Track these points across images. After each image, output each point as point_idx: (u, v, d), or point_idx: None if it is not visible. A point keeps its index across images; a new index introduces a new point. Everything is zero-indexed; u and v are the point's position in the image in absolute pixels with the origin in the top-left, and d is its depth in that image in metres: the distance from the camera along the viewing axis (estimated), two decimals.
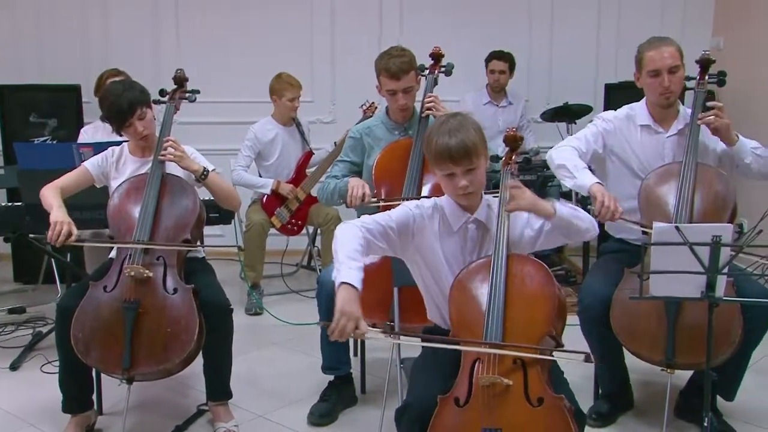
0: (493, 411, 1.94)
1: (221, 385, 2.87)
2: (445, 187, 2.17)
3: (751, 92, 4.97)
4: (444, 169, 2.11)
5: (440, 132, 2.09)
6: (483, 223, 2.19)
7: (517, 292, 2.07)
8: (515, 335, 2.01)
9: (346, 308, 1.92)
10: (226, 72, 5.22)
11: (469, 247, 2.19)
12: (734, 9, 5.25)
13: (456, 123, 2.10)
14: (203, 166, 2.88)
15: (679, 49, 2.83)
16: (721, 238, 2.14)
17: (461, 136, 2.07)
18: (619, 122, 2.96)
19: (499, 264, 2.08)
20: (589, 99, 5.22)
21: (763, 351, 3.02)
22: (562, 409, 1.93)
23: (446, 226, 2.20)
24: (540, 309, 2.06)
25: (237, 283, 4.62)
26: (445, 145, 2.06)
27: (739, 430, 2.79)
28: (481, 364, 1.99)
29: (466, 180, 2.10)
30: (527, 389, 1.96)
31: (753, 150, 2.81)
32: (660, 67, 2.79)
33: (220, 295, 2.80)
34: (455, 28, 5.30)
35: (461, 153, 2.06)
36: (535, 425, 1.94)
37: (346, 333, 1.92)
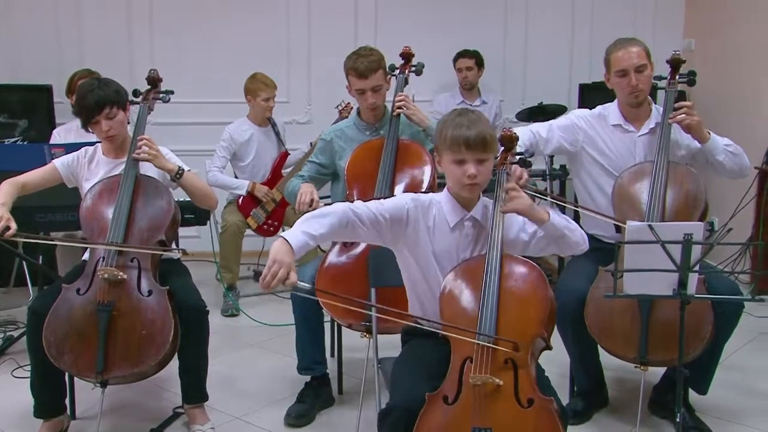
0: (483, 410, 1.95)
1: (197, 387, 2.84)
2: (452, 176, 2.16)
3: (721, 92, 5.06)
4: (457, 154, 2.10)
5: (459, 122, 2.11)
6: (479, 222, 2.19)
7: (510, 292, 2.07)
8: (507, 335, 2.01)
9: (278, 256, 1.93)
10: (202, 72, 5.18)
11: (463, 244, 2.19)
12: (704, 11, 5.33)
13: (475, 116, 2.14)
14: (178, 165, 2.85)
15: (646, 49, 2.87)
16: (692, 237, 2.17)
17: (480, 128, 2.10)
18: (592, 120, 2.99)
19: (494, 264, 2.08)
20: (564, 99, 5.28)
21: (734, 347, 3.07)
22: (552, 412, 1.95)
23: (442, 222, 2.19)
24: (532, 310, 2.06)
25: (213, 285, 4.59)
26: (464, 132, 2.09)
27: (711, 424, 2.82)
28: (472, 364, 1.99)
29: (476, 169, 2.10)
30: (517, 390, 1.97)
31: (725, 147, 2.85)
32: (627, 66, 2.83)
33: (195, 297, 2.78)
34: (431, 29, 5.32)
35: (479, 141, 2.09)
36: (525, 426, 1.95)
37: (277, 279, 1.91)
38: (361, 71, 2.99)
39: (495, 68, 5.41)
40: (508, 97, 5.52)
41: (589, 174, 2.99)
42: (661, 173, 2.76)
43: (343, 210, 2.09)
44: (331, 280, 2.84)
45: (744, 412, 3.00)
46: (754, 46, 4.72)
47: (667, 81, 2.95)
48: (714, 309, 2.59)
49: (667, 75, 2.96)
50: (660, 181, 2.74)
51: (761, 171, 4.40)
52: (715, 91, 5.11)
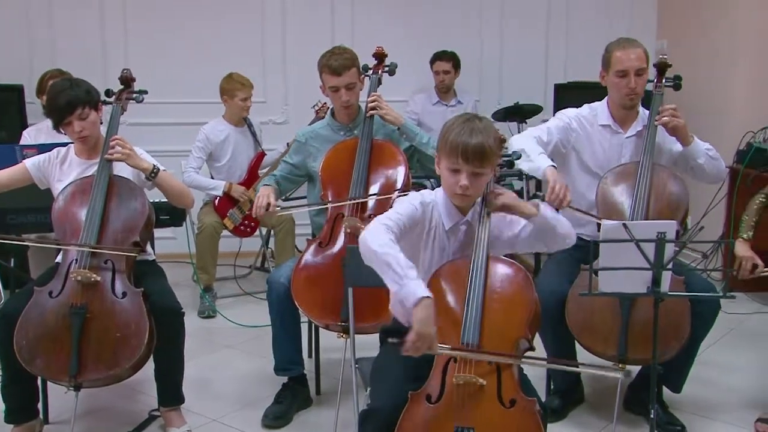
0: (465, 410, 1.96)
1: (173, 389, 2.82)
2: (445, 181, 2.15)
3: (693, 93, 5.09)
4: (452, 162, 2.08)
5: (463, 129, 2.07)
6: (472, 225, 2.18)
7: (495, 294, 2.07)
8: (492, 337, 2.01)
9: (424, 330, 1.87)
10: (177, 72, 5.14)
11: (455, 247, 2.18)
12: (676, 12, 5.40)
13: (481, 126, 2.08)
14: (153, 164, 2.83)
15: (646, 52, 2.90)
16: (665, 235, 2.19)
17: (482, 139, 2.05)
18: (583, 121, 3.00)
19: (479, 265, 2.07)
20: (540, 99, 5.31)
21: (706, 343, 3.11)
22: (534, 413, 1.96)
23: (438, 225, 2.17)
24: (517, 312, 2.06)
25: (189, 286, 4.56)
26: (464, 141, 2.04)
27: (684, 420, 2.86)
28: (456, 363, 2.00)
29: (468, 181, 2.07)
30: (500, 390, 1.98)
31: (706, 151, 2.89)
32: (628, 68, 2.85)
33: (170, 299, 2.76)
34: (407, 29, 5.33)
35: (476, 154, 2.04)
36: (507, 426, 1.96)
37: (420, 352, 1.90)
38: (334, 68, 2.99)
39: (471, 68, 5.43)
40: (484, 97, 5.54)
41: (575, 174, 3.01)
42: (646, 175, 2.78)
43: (384, 231, 1.99)
44: (307, 280, 2.84)
45: (716, 407, 3.04)
46: (725, 47, 4.79)
47: (653, 84, 2.98)
48: (691, 309, 2.62)
49: (653, 78, 2.99)
50: (644, 183, 2.77)
51: (732, 170, 4.46)
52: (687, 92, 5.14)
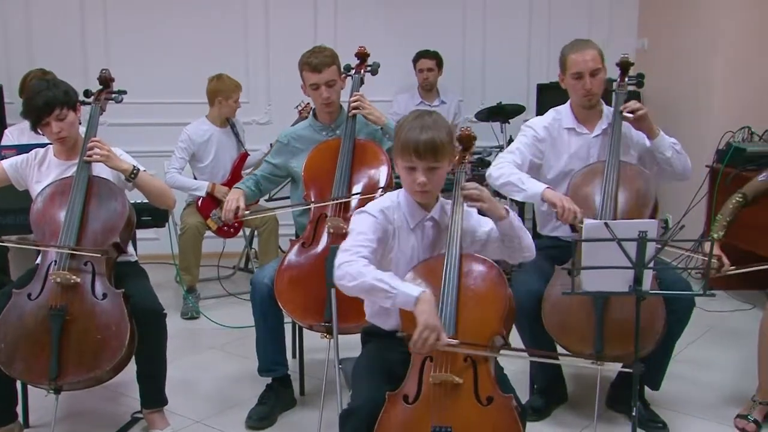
0: (442, 409, 1.96)
1: (156, 391, 2.80)
2: (404, 180, 2.17)
3: (673, 92, 5.17)
4: (407, 161, 2.10)
5: (413, 125, 2.09)
6: (438, 223, 2.19)
7: (469, 291, 2.08)
8: (467, 334, 2.02)
9: (430, 321, 1.92)
10: (159, 72, 5.11)
11: (424, 245, 2.19)
12: (657, 12, 5.45)
13: (431, 120, 2.11)
14: (133, 165, 2.81)
15: (600, 52, 2.92)
16: (647, 234, 2.21)
17: (432, 134, 2.07)
18: (547, 127, 3.03)
19: (452, 262, 2.08)
20: (522, 99, 5.34)
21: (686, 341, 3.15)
22: (511, 409, 1.97)
23: (403, 224, 2.18)
24: (491, 308, 2.07)
25: (172, 287, 4.53)
26: (414, 138, 2.06)
27: (666, 417, 2.89)
28: (432, 362, 2.00)
29: (425, 177, 2.09)
30: (477, 388, 1.98)
31: (673, 145, 2.92)
32: (582, 69, 2.88)
33: (152, 300, 2.74)
34: (390, 30, 5.33)
35: (428, 149, 2.06)
36: (484, 424, 1.96)
37: (428, 346, 1.92)
38: (314, 65, 3.00)
39: (454, 68, 5.44)
40: (467, 97, 5.56)
41: (546, 178, 3.03)
42: (613, 172, 2.81)
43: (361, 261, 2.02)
44: (290, 280, 2.83)
45: (697, 404, 3.07)
46: (705, 46, 4.83)
47: (616, 83, 3.01)
48: (666, 307, 2.65)
49: (616, 77, 3.01)
50: (611, 181, 2.80)
51: (712, 169, 4.50)
52: (668, 91, 5.22)
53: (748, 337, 3.06)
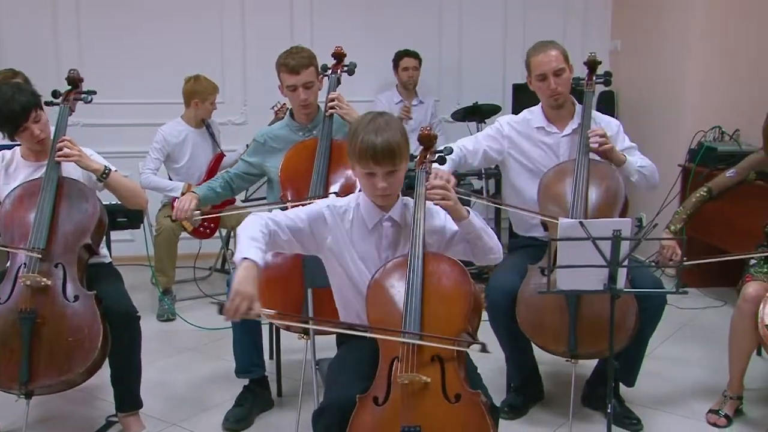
0: (411, 408, 1.96)
1: (130, 394, 2.78)
2: (364, 186, 2.17)
3: (646, 92, 5.24)
4: (365, 167, 2.09)
5: (367, 130, 2.07)
6: (398, 222, 2.19)
7: (433, 290, 2.08)
8: (433, 332, 2.02)
9: (241, 288, 1.92)
10: (133, 72, 5.06)
11: (384, 245, 2.19)
12: (630, 14, 5.51)
13: (383, 122, 2.09)
14: (104, 165, 2.78)
15: (564, 52, 2.94)
16: (621, 233, 2.23)
17: (387, 137, 2.05)
18: (516, 126, 3.06)
19: (416, 263, 2.09)
20: (498, 99, 5.38)
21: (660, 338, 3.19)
22: (479, 405, 1.97)
23: (360, 224, 2.19)
24: (456, 306, 2.08)
25: (148, 289, 4.49)
26: (371, 143, 2.05)
27: (640, 413, 2.92)
28: (400, 363, 2.00)
29: (386, 182, 2.09)
30: (445, 386, 1.99)
31: (639, 169, 2.94)
32: (546, 70, 2.90)
33: (125, 302, 2.72)
34: (367, 29, 5.34)
35: (385, 154, 2.05)
36: (453, 421, 1.97)
37: (240, 313, 1.91)
38: (291, 66, 2.99)
39: (431, 68, 5.46)
40: (443, 97, 5.58)
41: (517, 178, 3.06)
42: (583, 171, 2.84)
43: (263, 219, 2.08)
44: (267, 281, 2.80)
45: (670, 400, 3.11)
46: (678, 46, 4.90)
47: (585, 82, 3.05)
48: (639, 304, 2.68)
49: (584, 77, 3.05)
50: (582, 179, 2.82)
51: (684, 168, 4.57)
52: (641, 91, 5.29)
53: (719, 333, 3.10)
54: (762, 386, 3.23)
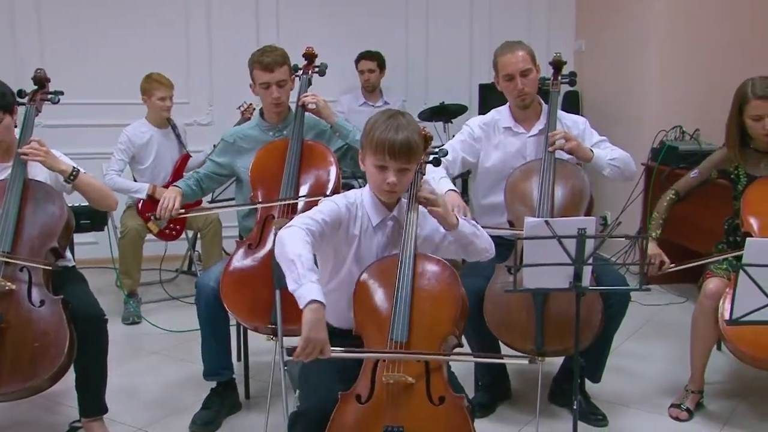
0: (395, 409, 1.97)
1: (95, 399, 2.73)
2: (372, 178, 2.15)
3: (610, 92, 5.32)
4: (380, 160, 2.07)
5: (388, 125, 2.06)
6: (399, 222, 2.19)
7: (423, 291, 2.08)
8: (420, 335, 2.03)
9: (313, 335, 1.87)
10: (97, 72, 4.98)
11: (383, 243, 2.19)
12: (593, 14, 5.59)
13: (405, 121, 2.09)
14: (72, 165, 2.74)
15: (530, 52, 2.98)
16: (586, 231, 2.26)
17: (408, 134, 2.05)
18: (485, 128, 3.09)
19: (407, 263, 2.09)
20: (465, 99, 5.42)
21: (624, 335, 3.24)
22: (462, 409, 1.99)
23: (366, 222, 2.17)
24: (445, 309, 2.08)
25: (113, 292, 4.43)
26: (391, 138, 2.04)
27: (605, 409, 2.97)
28: (385, 362, 2.00)
29: (396, 178, 2.08)
30: (429, 388, 2.00)
31: (610, 162, 2.97)
32: (513, 71, 2.93)
33: (92, 305, 2.68)
34: (333, 30, 5.33)
35: (404, 150, 2.05)
36: (436, 424, 1.98)
37: (311, 357, 1.90)
38: (266, 64, 2.98)
39: (397, 69, 5.48)
40: (410, 97, 5.59)
41: (485, 177, 3.09)
42: (549, 170, 2.87)
43: (303, 234, 1.99)
44: (236, 282, 2.80)
45: (634, 396, 3.16)
46: (640, 47, 4.98)
47: (550, 82, 3.09)
48: (603, 302, 2.73)
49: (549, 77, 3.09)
50: (548, 178, 2.86)
51: (647, 167, 4.65)
52: (605, 91, 5.37)
53: (681, 329, 3.17)
54: (721, 380, 3.31)
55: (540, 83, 3.04)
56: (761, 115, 2.85)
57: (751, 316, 2.20)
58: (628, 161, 3.02)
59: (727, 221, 3.13)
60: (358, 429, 1.98)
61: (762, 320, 2.20)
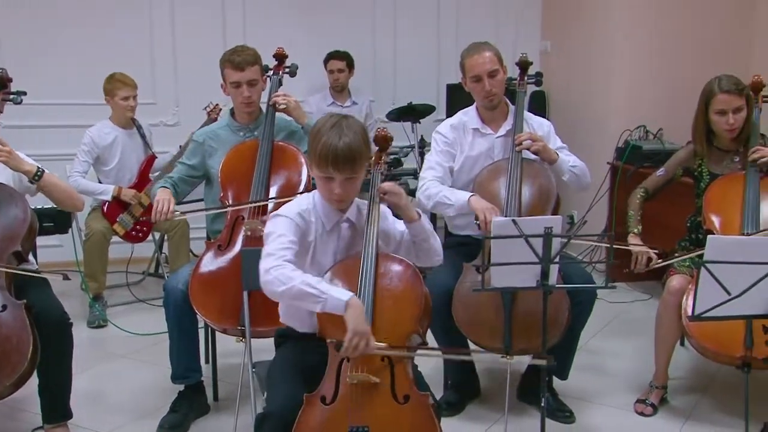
0: (360, 409, 1.97)
1: (59, 404, 2.69)
2: (320, 188, 2.15)
3: (575, 92, 5.39)
4: (324, 171, 2.07)
5: (330, 135, 2.04)
6: (354, 224, 2.19)
7: (385, 290, 2.09)
8: (383, 334, 2.03)
9: (359, 328, 1.93)
10: (59, 72, 4.89)
11: (341, 246, 2.19)
12: (559, 15, 5.66)
13: (347, 128, 2.06)
14: (37, 166, 2.69)
15: (498, 53, 3.00)
16: (552, 230, 2.29)
17: (350, 144, 2.03)
18: (453, 132, 3.10)
19: (369, 262, 2.09)
20: (433, 99, 5.43)
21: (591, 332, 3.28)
22: (428, 406, 2.00)
23: (320, 227, 2.17)
24: (408, 308, 2.09)
25: (78, 295, 4.35)
26: (333, 148, 2.02)
27: (573, 406, 3.01)
28: (349, 363, 2.00)
29: (343, 189, 2.08)
30: (394, 387, 2.00)
31: (571, 168, 3.02)
32: (480, 72, 2.96)
33: (56, 309, 2.63)
34: (300, 30, 5.30)
35: (347, 161, 2.04)
36: (401, 422, 1.99)
37: (359, 351, 1.93)
38: (237, 63, 2.97)
39: (365, 69, 5.47)
40: (378, 98, 5.60)
41: (455, 179, 3.09)
42: (516, 170, 2.90)
43: (289, 267, 2.01)
44: (205, 284, 2.79)
45: (601, 392, 3.21)
46: (604, 48, 5.05)
47: (517, 82, 3.12)
48: (570, 299, 2.76)
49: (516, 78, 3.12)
50: (515, 178, 2.89)
51: (612, 166, 4.72)
52: (570, 91, 5.44)
53: (647, 325, 3.22)
54: (684, 375, 3.38)
55: (506, 84, 3.07)
56: (725, 110, 2.93)
57: (713, 311, 2.24)
58: (586, 172, 3.08)
59: (690, 219, 3.19)
60: (323, 430, 1.98)
61: (723, 316, 2.25)
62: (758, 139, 3.01)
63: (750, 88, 3.00)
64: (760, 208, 2.86)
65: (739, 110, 2.94)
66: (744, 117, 2.96)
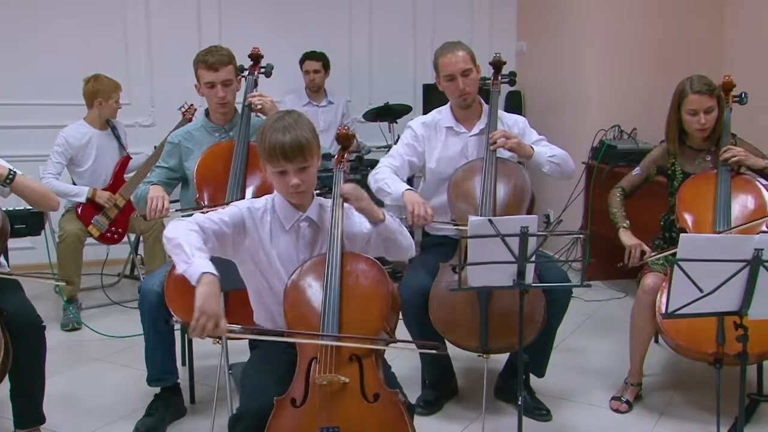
0: (329, 410, 1.96)
1: (32, 409, 2.64)
2: (277, 185, 2.15)
3: (551, 92, 5.43)
4: (276, 165, 2.08)
5: (275, 128, 2.07)
6: (315, 222, 2.19)
7: (351, 289, 2.09)
8: (351, 332, 2.03)
9: (206, 306, 1.85)
10: (30, 72, 4.83)
11: (302, 245, 2.19)
12: (534, 16, 5.70)
13: (291, 120, 2.09)
14: (8, 168, 2.65)
15: (471, 53, 3.02)
16: (528, 229, 2.30)
17: (296, 133, 2.06)
18: (426, 128, 3.11)
19: (334, 262, 2.09)
20: (409, 99, 5.45)
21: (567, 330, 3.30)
22: (397, 404, 2.00)
23: (278, 225, 2.17)
24: (374, 305, 2.09)
25: (51, 298, 4.30)
26: (279, 141, 2.04)
27: (550, 404, 3.02)
28: (318, 364, 2.00)
29: (298, 178, 2.09)
30: (363, 386, 2.00)
31: (550, 159, 3.03)
32: (453, 71, 2.97)
33: (28, 312, 2.59)
34: (276, 30, 5.28)
35: (295, 150, 2.05)
36: (371, 421, 1.99)
37: (206, 332, 1.85)
38: (210, 63, 2.96)
39: (341, 69, 5.47)
40: (354, 98, 5.60)
41: (429, 177, 3.11)
42: (491, 169, 2.91)
43: (192, 225, 2.02)
44: (181, 285, 2.73)
45: (577, 390, 3.23)
46: (580, 48, 5.10)
47: (491, 82, 3.14)
48: (546, 298, 2.78)
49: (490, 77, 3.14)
50: (490, 177, 2.90)
51: (588, 166, 4.76)
52: (546, 92, 5.48)
53: (622, 323, 3.25)
54: (659, 372, 3.42)
55: (480, 83, 3.08)
56: (696, 110, 2.97)
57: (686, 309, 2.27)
58: (567, 159, 3.08)
59: (664, 217, 3.23)
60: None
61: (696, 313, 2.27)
62: (729, 139, 3.05)
63: (721, 89, 3.04)
64: (732, 207, 2.91)
65: (711, 110, 2.98)
66: (715, 117, 3.00)
